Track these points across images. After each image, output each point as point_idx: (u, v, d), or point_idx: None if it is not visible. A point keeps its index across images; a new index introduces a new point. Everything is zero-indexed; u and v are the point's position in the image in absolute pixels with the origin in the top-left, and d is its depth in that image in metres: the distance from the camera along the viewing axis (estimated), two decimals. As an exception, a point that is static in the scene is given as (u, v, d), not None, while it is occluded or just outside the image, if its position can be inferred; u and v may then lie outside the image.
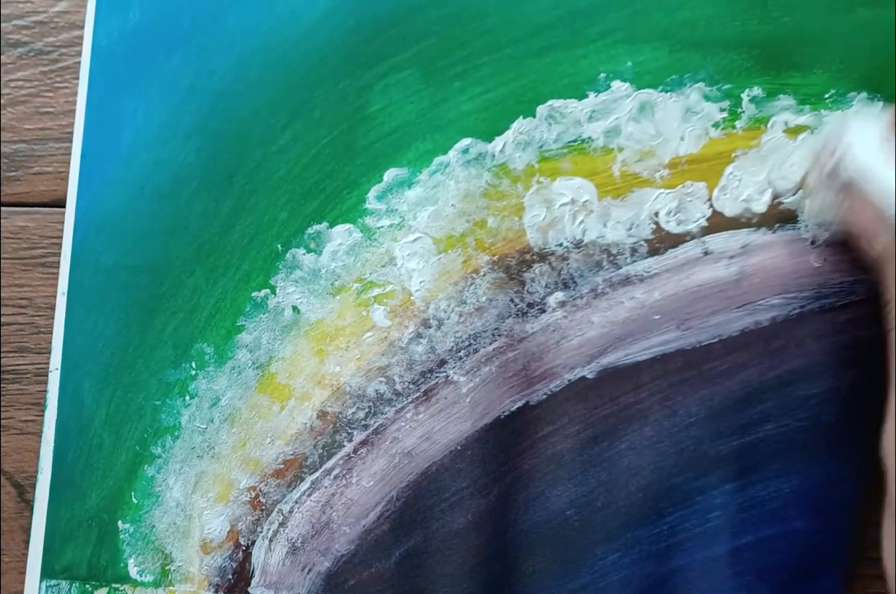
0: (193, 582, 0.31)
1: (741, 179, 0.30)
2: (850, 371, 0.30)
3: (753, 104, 0.30)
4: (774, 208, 0.30)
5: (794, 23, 0.30)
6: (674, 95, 0.30)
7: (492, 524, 0.30)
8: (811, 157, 0.25)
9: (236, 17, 0.31)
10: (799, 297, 0.30)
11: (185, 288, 0.31)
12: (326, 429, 0.31)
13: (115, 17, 0.31)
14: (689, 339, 0.30)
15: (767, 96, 0.30)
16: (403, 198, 0.31)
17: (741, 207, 0.30)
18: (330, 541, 0.31)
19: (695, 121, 0.30)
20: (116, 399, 0.31)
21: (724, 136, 0.30)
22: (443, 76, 0.31)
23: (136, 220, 0.31)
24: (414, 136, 0.31)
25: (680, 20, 0.30)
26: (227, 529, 0.31)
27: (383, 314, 0.31)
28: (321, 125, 0.31)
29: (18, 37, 0.32)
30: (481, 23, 0.31)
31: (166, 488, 0.31)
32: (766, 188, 0.30)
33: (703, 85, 0.30)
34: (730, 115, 0.30)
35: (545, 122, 0.30)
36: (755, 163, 0.30)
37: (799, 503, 0.30)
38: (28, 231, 0.32)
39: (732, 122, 0.30)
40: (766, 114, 0.30)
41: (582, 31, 0.30)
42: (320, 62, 0.31)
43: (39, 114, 0.32)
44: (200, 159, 0.31)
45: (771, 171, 0.30)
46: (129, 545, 0.31)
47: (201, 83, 0.31)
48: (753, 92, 0.30)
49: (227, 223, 0.31)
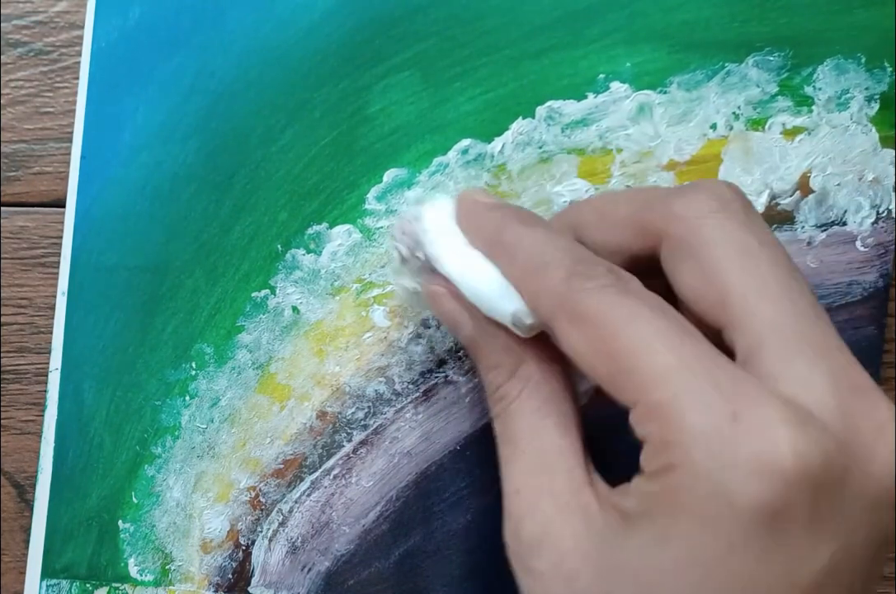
0: (193, 581, 0.31)
1: (739, 180, 0.30)
2: (848, 371, 0.30)
3: (751, 106, 0.30)
4: (772, 210, 0.30)
5: (793, 24, 0.30)
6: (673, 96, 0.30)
7: (492, 524, 0.30)
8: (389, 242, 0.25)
9: (236, 17, 0.31)
10: (796, 298, 0.30)
11: (184, 288, 0.31)
12: (326, 429, 0.31)
13: (116, 17, 0.31)
14: (687, 340, 0.30)
15: (765, 98, 0.30)
16: (403, 198, 0.31)
17: (739, 208, 0.30)
18: (330, 541, 0.31)
19: (693, 122, 0.30)
20: (116, 399, 0.31)
21: (722, 137, 0.30)
22: (442, 77, 0.31)
23: (136, 220, 0.31)
24: (413, 137, 0.31)
25: (679, 21, 0.30)
26: (226, 529, 0.31)
27: (383, 314, 0.31)
28: (321, 125, 0.31)
29: (18, 37, 0.32)
30: (481, 24, 0.31)
31: (166, 488, 0.31)
32: (763, 190, 0.30)
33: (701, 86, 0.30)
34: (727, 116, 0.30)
35: (544, 123, 0.31)
36: (752, 164, 0.30)
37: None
38: (28, 231, 0.32)
39: (730, 124, 0.30)
40: (764, 115, 0.30)
41: (581, 32, 0.30)
42: (320, 63, 0.31)
43: (39, 114, 0.32)
44: (200, 159, 0.31)
45: (768, 172, 0.30)
46: (130, 544, 0.31)
47: (201, 83, 0.31)
48: (751, 93, 0.30)
49: (227, 223, 0.31)
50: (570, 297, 0.21)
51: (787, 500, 0.18)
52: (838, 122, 0.30)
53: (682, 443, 0.19)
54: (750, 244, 0.21)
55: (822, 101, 0.30)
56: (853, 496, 0.19)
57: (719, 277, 0.21)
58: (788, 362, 0.20)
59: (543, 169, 0.30)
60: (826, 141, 0.30)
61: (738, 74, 0.30)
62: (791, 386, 0.19)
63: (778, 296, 0.20)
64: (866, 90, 0.30)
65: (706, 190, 0.22)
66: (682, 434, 0.19)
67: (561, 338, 0.21)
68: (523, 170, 0.31)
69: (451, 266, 0.24)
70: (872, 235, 0.30)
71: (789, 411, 0.18)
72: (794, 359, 0.20)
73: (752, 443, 0.18)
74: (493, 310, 0.23)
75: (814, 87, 0.30)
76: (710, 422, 0.18)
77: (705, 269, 0.21)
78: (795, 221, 0.30)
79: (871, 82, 0.30)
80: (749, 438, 0.18)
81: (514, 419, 0.23)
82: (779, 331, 0.20)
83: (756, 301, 0.20)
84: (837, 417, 0.19)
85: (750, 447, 0.18)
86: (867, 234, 0.30)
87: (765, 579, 0.19)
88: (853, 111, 0.30)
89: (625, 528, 0.20)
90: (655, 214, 0.22)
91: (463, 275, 0.23)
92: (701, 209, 0.22)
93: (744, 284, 0.21)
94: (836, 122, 0.30)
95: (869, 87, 0.30)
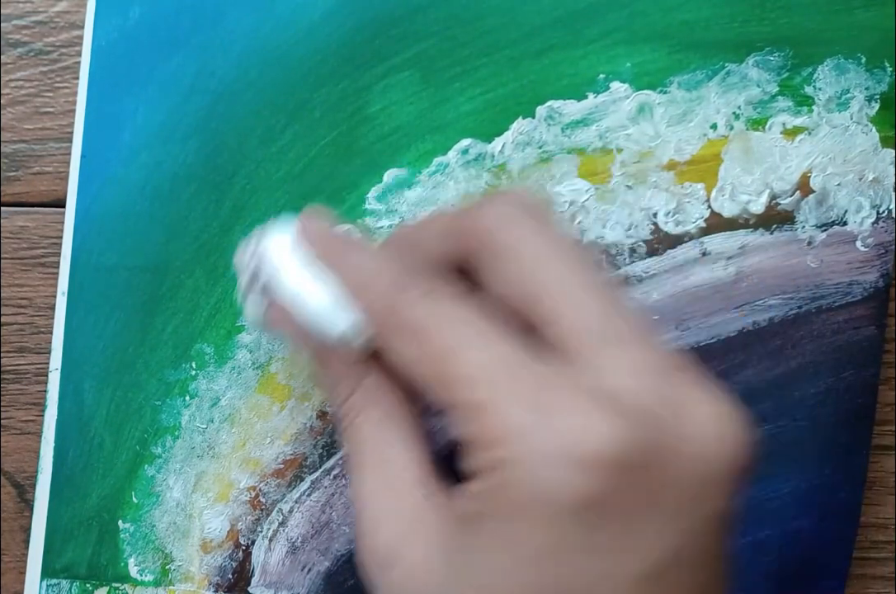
0: (193, 581, 0.31)
1: (739, 180, 0.30)
2: (848, 371, 0.30)
3: (751, 106, 0.30)
4: (772, 209, 0.30)
5: (793, 24, 0.30)
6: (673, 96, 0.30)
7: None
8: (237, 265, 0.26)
9: (236, 17, 0.31)
10: (796, 298, 0.30)
11: (184, 288, 0.31)
12: (326, 429, 0.31)
13: (115, 17, 0.31)
14: (687, 340, 0.30)
15: (765, 98, 0.30)
16: (403, 198, 0.31)
17: (739, 208, 0.30)
18: (330, 541, 0.31)
19: (693, 122, 0.30)
20: (116, 399, 0.31)
21: (722, 137, 0.30)
22: (442, 77, 0.31)
23: (136, 220, 0.31)
24: (413, 137, 0.31)
25: (679, 21, 0.30)
26: (227, 529, 0.31)
27: (383, 314, 0.31)
28: (321, 125, 0.31)
29: (18, 37, 0.32)
30: (481, 24, 0.31)
31: (166, 488, 0.31)
32: (763, 189, 0.30)
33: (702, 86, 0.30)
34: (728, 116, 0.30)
35: (544, 123, 0.31)
36: (752, 164, 0.30)
37: (798, 503, 0.30)
38: (28, 231, 0.32)
39: (731, 124, 0.30)
40: (764, 115, 0.30)
41: (581, 32, 0.30)
42: (320, 63, 0.31)
43: (39, 114, 0.32)
44: (200, 159, 0.31)
45: (768, 172, 0.30)
46: (130, 544, 0.31)
47: (201, 83, 0.31)
48: (751, 93, 0.30)
49: (227, 223, 0.31)
50: (394, 307, 0.22)
51: (603, 489, 0.18)
52: (838, 122, 0.30)
53: (501, 441, 0.19)
54: (550, 246, 0.22)
55: (823, 101, 0.30)
56: (676, 479, 0.19)
57: (527, 279, 0.22)
58: (598, 353, 0.20)
59: (544, 169, 0.30)
60: (826, 141, 0.30)
61: (739, 74, 0.30)
62: (602, 376, 0.20)
63: (581, 292, 0.21)
64: (866, 90, 0.30)
65: (507, 199, 0.23)
66: (499, 432, 0.19)
67: (390, 349, 0.22)
68: (523, 169, 0.30)
69: (287, 290, 0.24)
70: (873, 235, 0.30)
71: (598, 401, 0.19)
72: (604, 351, 0.20)
73: (564, 435, 0.19)
74: (324, 331, 0.23)
75: (814, 87, 0.30)
76: (524, 419, 0.19)
77: (514, 271, 0.22)
78: (796, 221, 0.30)
79: (872, 82, 0.30)
80: (560, 431, 0.19)
81: (360, 432, 0.24)
82: (587, 325, 0.21)
83: (562, 298, 0.21)
84: (650, 402, 0.19)
85: (562, 439, 0.19)
86: (867, 234, 0.30)
87: (597, 572, 0.19)
88: (853, 111, 0.30)
89: (466, 532, 0.20)
90: (467, 224, 0.23)
91: (297, 297, 0.24)
92: (504, 217, 0.23)
93: (548, 284, 0.21)
94: (837, 122, 0.30)
95: (869, 87, 0.30)
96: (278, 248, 0.25)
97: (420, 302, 0.21)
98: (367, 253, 0.24)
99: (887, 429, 0.31)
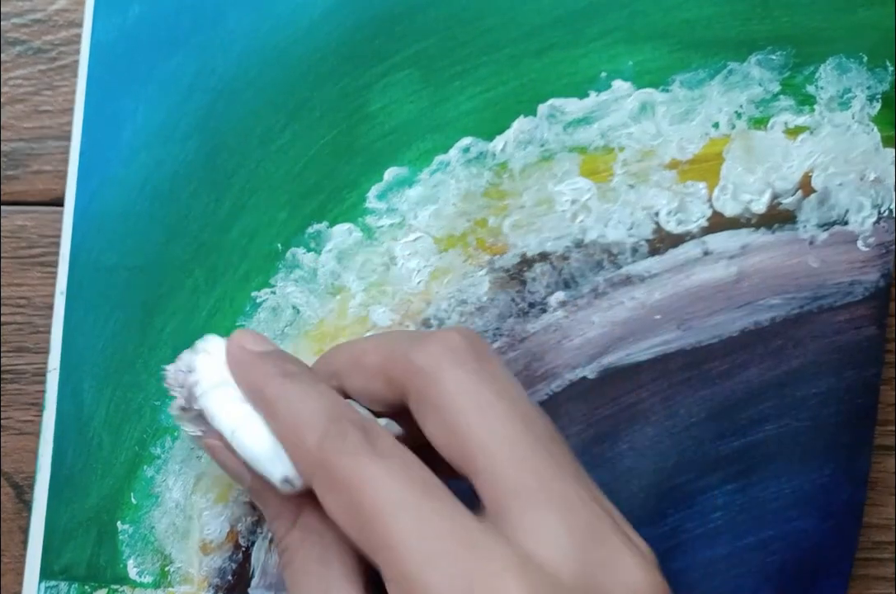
0: (193, 583, 0.31)
1: (741, 180, 0.30)
2: (849, 371, 0.30)
3: (753, 105, 0.30)
4: (774, 209, 0.30)
5: (795, 23, 0.30)
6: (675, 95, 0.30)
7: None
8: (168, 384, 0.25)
9: (236, 16, 0.31)
10: (798, 298, 0.30)
11: (184, 288, 0.31)
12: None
13: (115, 16, 0.31)
14: (689, 339, 0.30)
15: (767, 97, 0.30)
16: (404, 197, 0.31)
17: (741, 207, 0.30)
18: (330, 542, 0.31)
19: (695, 120, 0.30)
20: (116, 399, 0.31)
21: (724, 136, 0.30)
22: (443, 75, 0.31)
23: (136, 220, 0.31)
24: (414, 136, 0.31)
25: (680, 20, 0.30)
26: (226, 530, 0.31)
27: (383, 314, 0.31)
28: (321, 125, 0.31)
29: (17, 35, 0.32)
30: (481, 22, 0.31)
31: (166, 489, 0.31)
32: (765, 189, 0.30)
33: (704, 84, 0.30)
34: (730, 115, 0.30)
35: (546, 121, 0.30)
36: (754, 163, 0.30)
37: (800, 503, 0.30)
38: (27, 230, 0.32)
39: (733, 123, 0.30)
40: (766, 114, 0.30)
41: (582, 30, 0.30)
42: (320, 62, 0.31)
43: (38, 112, 0.32)
44: (200, 159, 0.31)
45: (770, 171, 0.30)
46: (129, 546, 0.31)
47: (201, 82, 0.31)
48: (753, 92, 0.30)
49: (226, 223, 0.31)
50: (324, 460, 0.21)
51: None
52: (840, 122, 0.30)
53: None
54: (482, 395, 0.22)
55: (825, 101, 0.30)
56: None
57: (459, 430, 0.21)
58: (528, 515, 0.20)
59: (545, 167, 0.30)
60: (828, 140, 0.30)
61: (741, 73, 0.30)
62: (530, 539, 0.20)
63: (513, 449, 0.21)
64: (868, 89, 0.30)
65: (439, 341, 0.23)
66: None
67: (321, 501, 0.21)
68: (525, 168, 0.30)
69: (223, 424, 0.24)
70: (874, 235, 0.30)
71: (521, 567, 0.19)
72: (534, 512, 0.20)
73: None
74: (264, 473, 0.23)
75: (816, 86, 0.30)
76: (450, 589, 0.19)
77: (446, 421, 0.22)
78: (797, 221, 0.30)
79: (873, 81, 0.30)
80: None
81: (300, 569, 0.23)
82: (516, 485, 0.20)
83: (493, 455, 0.21)
84: (576, 569, 0.19)
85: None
86: (868, 234, 0.30)
87: None
88: (855, 110, 0.30)
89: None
90: (398, 367, 0.23)
91: (234, 433, 0.23)
92: (435, 362, 0.22)
93: (480, 438, 0.21)
94: (838, 122, 0.30)
95: (871, 86, 0.30)
96: (212, 377, 0.24)
97: (350, 456, 0.21)
98: (301, 389, 0.23)
99: (889, 429, 0.31)
